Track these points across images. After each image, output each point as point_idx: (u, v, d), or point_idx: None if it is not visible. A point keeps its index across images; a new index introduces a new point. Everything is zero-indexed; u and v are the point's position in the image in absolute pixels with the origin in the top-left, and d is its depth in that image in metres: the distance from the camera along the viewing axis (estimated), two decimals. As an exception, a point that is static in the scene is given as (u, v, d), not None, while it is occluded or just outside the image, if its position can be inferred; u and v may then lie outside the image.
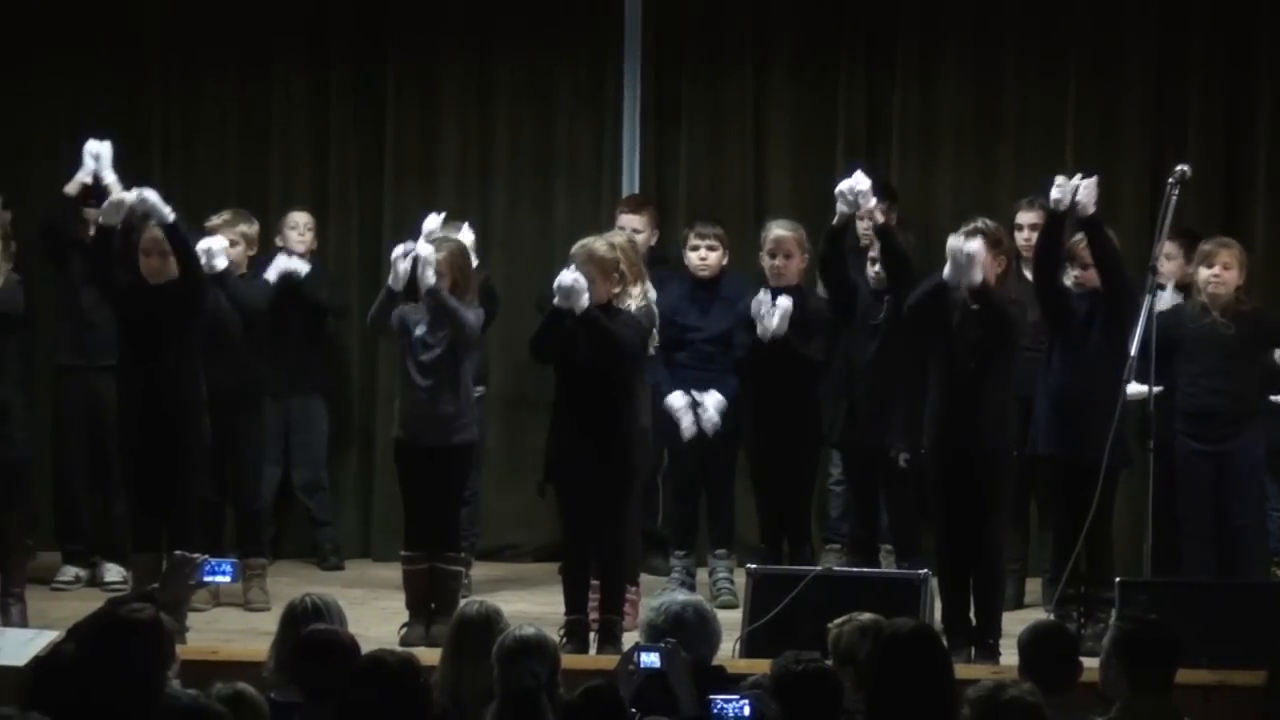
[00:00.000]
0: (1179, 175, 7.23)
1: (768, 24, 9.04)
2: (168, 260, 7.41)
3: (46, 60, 9.03)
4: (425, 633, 7.20)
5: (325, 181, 9.13)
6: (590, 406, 7.02)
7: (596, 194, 9.00)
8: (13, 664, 5.65)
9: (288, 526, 8.91)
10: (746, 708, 4.69)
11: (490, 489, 8.71)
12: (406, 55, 9.10)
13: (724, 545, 8.13)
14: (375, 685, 4.55)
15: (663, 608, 5.41)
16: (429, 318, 7.33)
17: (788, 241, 7.59)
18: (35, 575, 7.84)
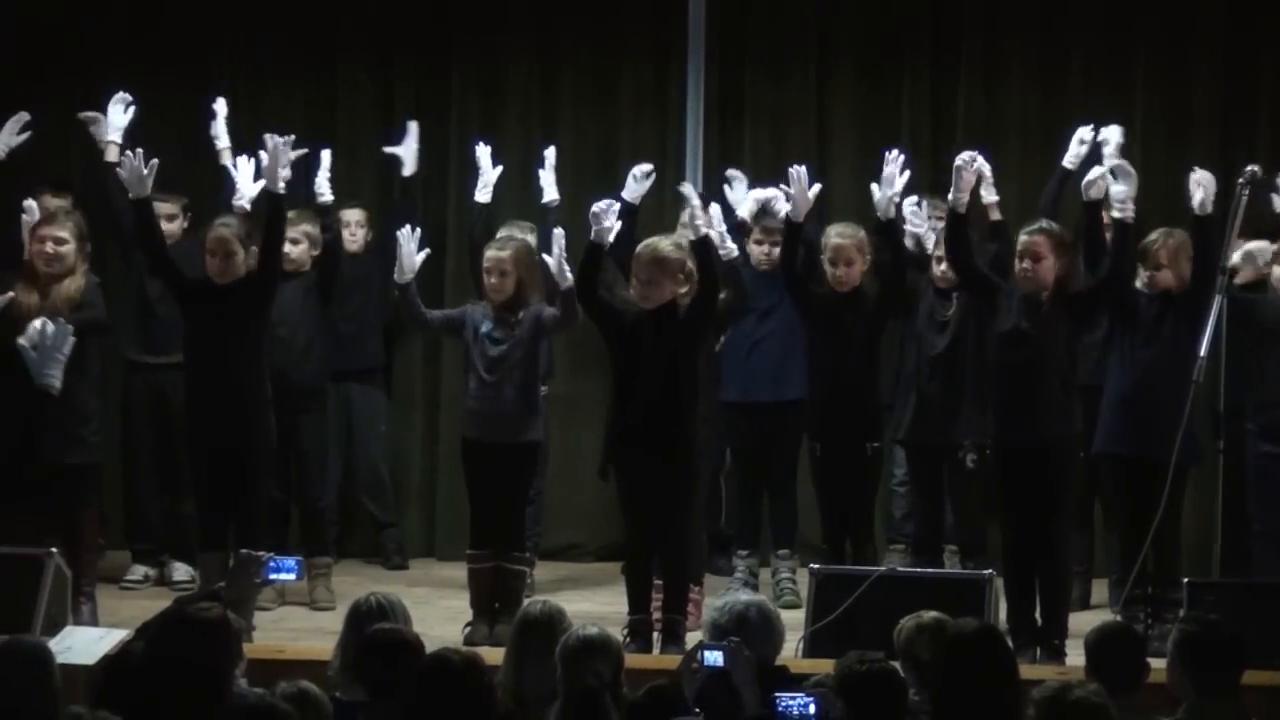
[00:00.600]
0: (1249, 175, 7.18)
1: (832, 23, 9.03)
2: (232, 260, 7.44)
3: (115, 60, 9.10)
4: (489, 632, 7.21)
5: (389, 182, 9.16)
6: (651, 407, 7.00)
7: (660, 193, 8.99)
8: (83, 662, 5.69)
9: (352, 526, 8.95)
10: (812, 706, 4.68)
11: (553, 488, 8.72)
12: (470, 54, 9.13)
13: (786, 545, 8.12)
14: (440, 685, 4.56)
15: (726, 607, 5.41)
16: (496, 316, 7.34)
17: (847, 249, 7.56)
18: (104, 574, 7.88)
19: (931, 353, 7.66)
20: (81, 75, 9.08)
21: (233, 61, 9.19)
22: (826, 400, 7.56)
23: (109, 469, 8.13)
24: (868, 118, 9.00)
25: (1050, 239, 7.01)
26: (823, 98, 9.02)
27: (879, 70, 8.99)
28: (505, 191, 9.05)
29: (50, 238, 7.46)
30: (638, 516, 7.15)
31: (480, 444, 7.38)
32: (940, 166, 8.88)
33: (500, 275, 7.35)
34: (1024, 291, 7.05)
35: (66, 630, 6.36)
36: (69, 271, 7.47)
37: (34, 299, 7.42)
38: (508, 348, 7.32)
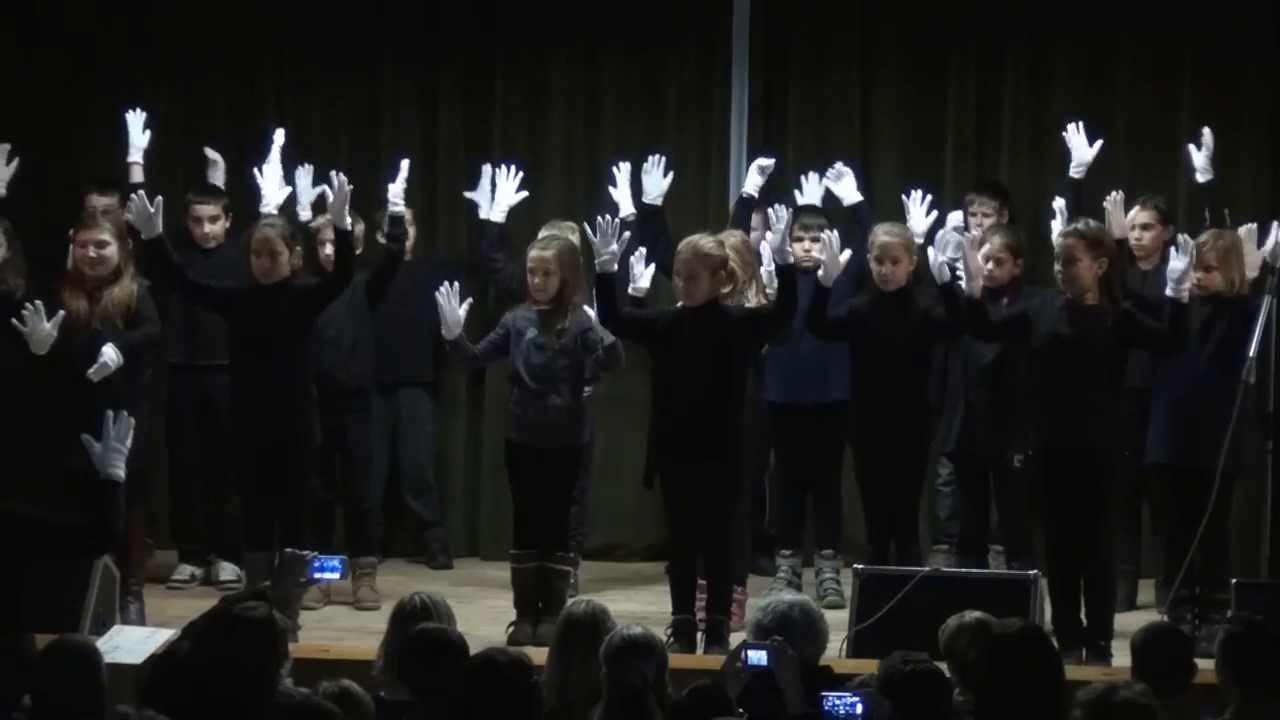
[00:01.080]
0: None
1: (876, 23, 9.01)
2: (278, 260, 7.45)
3: (161, 63, 9.15)
4: (533, 632, 7.22)
5: (434, 181, 9.19)
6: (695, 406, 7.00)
7: (704, 193, 9.00)
8: (130, 662, 5.72)
9: (397, 526, 8.97)
10: (859, 705, 4.66)
11: (598, 489, 8.72)
12: (515, 55, 9.14)
13: (830, 545, 8.11)
14: (487, 685, 4.57)
15: (770, 607, 5.40)
16: (540, 321, 7.35)
17: (895, 247, 7.54)
18: (152, 574, 7.90)
19: (980, 363, 7.62)
20: (128, 76, 9.14)
21: (279, 62, 9.22)
22: (871, 402, 7.54)
23: (156, 469, 8.16)
24: (912, 117, 8.98)
25: (1085, 240, 6.97)
26: (867, 97, 9.01)
27: (923, 70, 8.97)
28: (550, 192, 9.10)
29: (91, 242, 7.48)
30: (682, 516, 7.15)
31: (524, 447, 7.39)
32: (985, 167, 8.87)
33: (544, 275, 7.35)
34: (1067, 295, 7.01)
35: (114, 629, 6.39)
36: (114, 273, 7.49)
37: (83, 305, 7.45)
38: (551, 356, 7.32)
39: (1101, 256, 6.97)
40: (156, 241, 7.39)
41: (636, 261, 7.19)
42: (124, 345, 7.37)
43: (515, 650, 4.89)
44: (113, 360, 7.31)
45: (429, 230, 8.92)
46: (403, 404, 8.72)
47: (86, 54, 9.14)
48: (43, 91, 9.16)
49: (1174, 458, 7.26)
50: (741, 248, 7.54)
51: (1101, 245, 7.00)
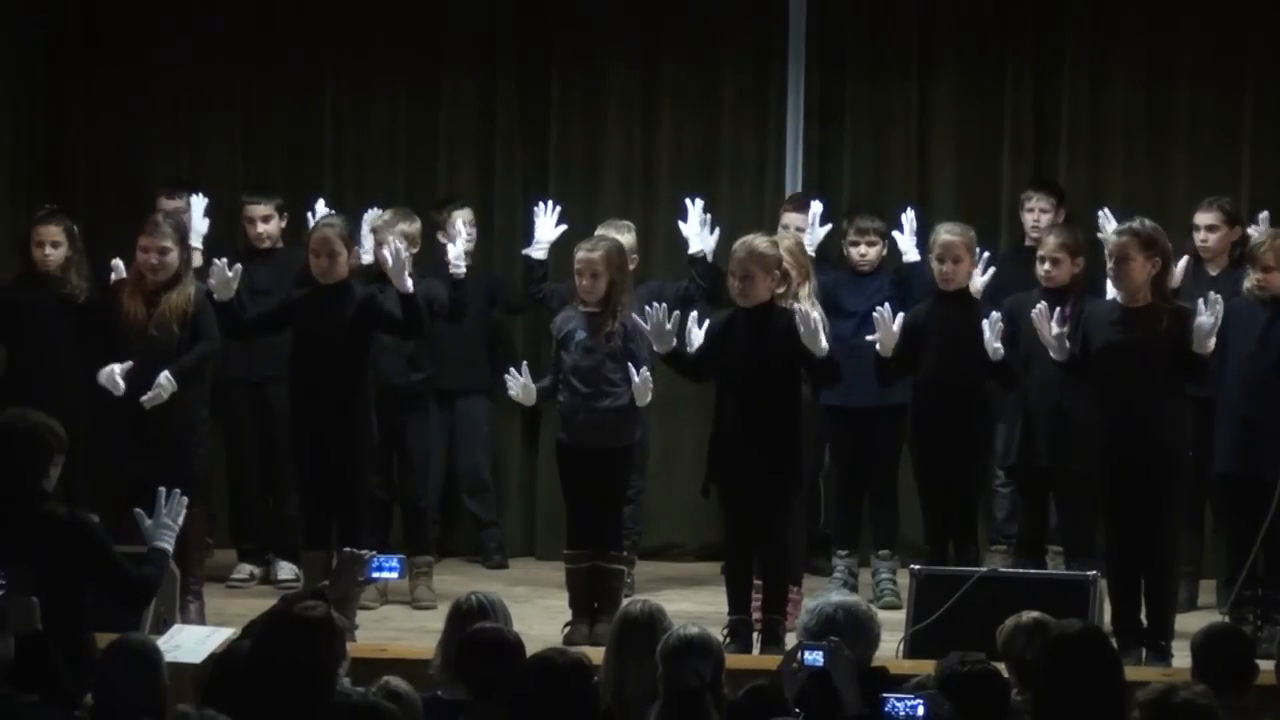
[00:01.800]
0: None
1: (933, 24, 8.99)
2: (336, 260, 7.47)
3: (220, 62, 9.20)
4: (588, 632, 7.22)
5: (491, 181, 9.22)
6: (752, 406, 7.01)
7: (759, 194, 9.00)
8: (190, 661, 5.75)
9: (453, 525, 9.00)
10: (921, 708, 4.63)
11: (653, 489, 8.73)
12: (572, 56, 9.15)
13: (887, 546, 8.09)
14: (546, 685, 4.58)
15: (815, 610, 5.37)
16: (588, 322, 7.35)
17: (956, 246, 7.50)
18: (211, 573, 7.93)
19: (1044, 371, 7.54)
20: (191, 77, 9.20)
21: (336, 61, 9.26)
22: (930, 403, 7.51)
23: (215, 468, 8.20)
24: (969, 118, 8.95)
25: (1139, 239, 6.92)
26: (923, 98, 8.98)
27: (980, 70, 8.94)
28: (606, 193, 9.10)
29: (153, 248, 7.49)
30: (738, 516, 7.15)
31: (574, 448, 7.39)
32: (1043, 168, 8.83)
33: (591, 277, 7.34)
34: (1119, 299, 6.96)
35: (174, 629, 6.41)
36: (174, 278, 7.52)
37: (141, 309, 7.48)
38: (600, 359, 7.32)
39: (1155, 257, 6.91)
40: (227, 304, 7.46)
41: (692, 326, 7.17)
42: (179, 371, 7.39)
43: (574, 650, 4.89)
44: (167, 389, 7.35)
45: (486, 230, 8.94)
46: (459, 403, 8.73)
47: (150, 57, 9.20)
48: (106, 94, 9.22)
49: (1239, 467, 7.20)
50: (795, 249, 7.53)
51: (1155, 245, 6.94)
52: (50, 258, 7.74)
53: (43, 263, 7.76)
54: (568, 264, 7.63)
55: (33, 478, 5.64)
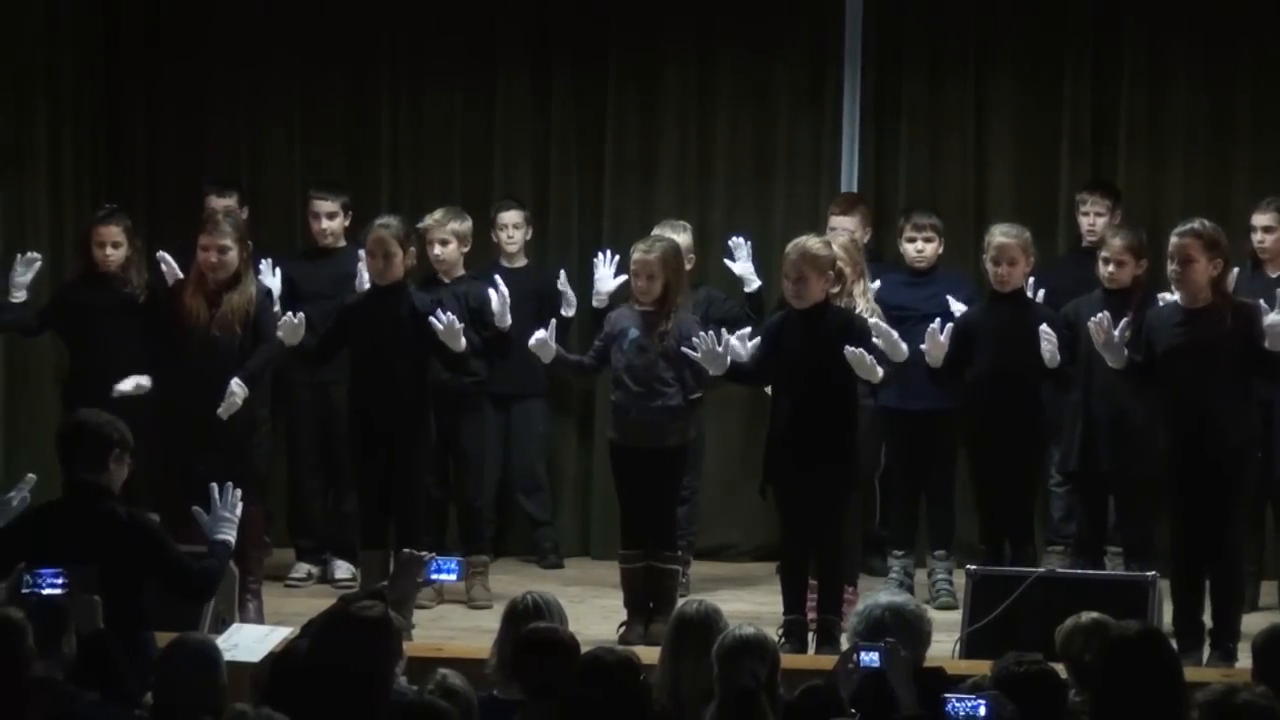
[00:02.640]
0: None
1: (990, 23, 8.95)
2: (392, 261, 7.50)
3: (278, 62, 9.24)
4: (644, 631, 7.23)
5: (546, 181, 9.23)
6: (807, 407, 7.00)
7: (815, 194, 8.98)
8: (248, 660, 5.78)
9: (509, 525, 9.01)
10: (982, 708, 4.61)
11: (708, 488, 8.73)
12: (627, 55, 9.15)
13: (943, 546, 8.07)
14: (596, 685, 4.59)
15: (864, 612, 5.35)
16: (643, 322, 7.36)
17: (1011, 248, 7.47)
18: (269, 572, 7.96)
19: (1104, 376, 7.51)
20: (247, 74, 9.24)
21: (393, 60, 9.28)
22: (987, 404, 7.48)
23: (274, 467, 8.24)
24: (1027, 119, 8.91)
25: (1201, 240, 6.87)
26: (981, 97, 8.95)
27: (1039, 70, 8.90)
28: (661, 192, 9.11)
29: (214, 246, 7.53)
30: (794, 517, 7.14)
31: (627, 448, 7.39)
32: (1101, 169, 8.78)
33: (647, 278, 7.33)
34: (1181, 301, 6.92)
35: (233, 628, 6.45)
36: (235, 277, 7.56)
37: (202, 308, 7.52)
38: (654, 358, 7.32)
39: (1217, 258, 6.87)
40: (299, 347, 7.55)
41: (740, 341, 7.18)
42: (248, 376, 7.43)
43: (624, 649, 4.90)
44: (240, 397, 7.39)
45: (541, 229, 8.96)
46: (516, 405, 8.75)
47: (208, 57, 9.24)
48: (165, 94, 9.28)
49: None
50: (849, 247, 7.52)
51: (1218, 246, 6.89)
52: (110, 258, 7.81)
53: (103, 263, 7.82)
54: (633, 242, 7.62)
55: (96, 477, 5.68)
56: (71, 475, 5.72)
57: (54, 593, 5.14)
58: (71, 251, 8.62)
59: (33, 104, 8.77)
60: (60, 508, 5.73)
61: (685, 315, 7.39)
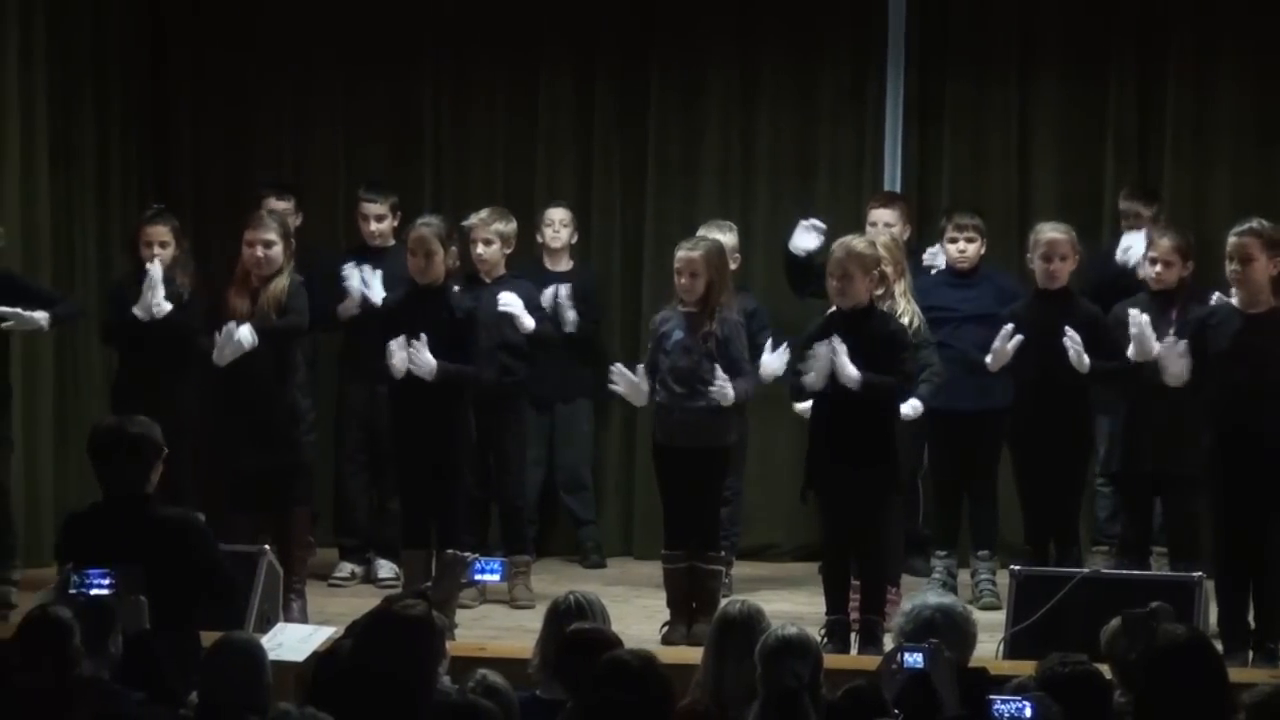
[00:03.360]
0: None
1: (1035, 23, 8.93)
2: (433, 260, 7.50)
3: (322, 62, 9.27)
4: (686, 631, 7.22)
5: (589, 181, 9.24)
6: (849, 409, 6.98)
7: (858, 194, 8.96)
8: (292, 659, 5.81)
9: (551, 524, 9.02)
10: (1028, 709, 4.59)
11: (751, 489, 8.72)
12: (670, 55, 9.16)
13: (986, 546, 8.04)
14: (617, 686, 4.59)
15: (913, 612, 5.34)
16: (687, 322, 7.35)
17: (1061, 244, 7.45)
18: (313, 571, 7.98)
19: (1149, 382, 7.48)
20: (292, 74, 9.28)
21: (437, 61, 9.31)
22: (1032, 403, 7.46)
23: (319, 466, 8.26)
24: (1071, 119, 8.88)
25: (1261, 239, 6.83)
26: (1025, 97, 8.92)
27: (1083, 70, 8.87)
28: (704, 193, 9.11)
29: (259, 242, 7.58)
30: (836, 518, 7.13)
31: (670, 448, 7.39)
32: (1148, 168, 8.75)
33: (690, 276, 7.33)
34: (1238, 303, 6.88)
35: (278, 627, 6.48)
36: (277, 272, 7.62)
37: (245, 305, 7.56)
38: (698, 359, 7.31)
39: (1277, 256, 6.82)
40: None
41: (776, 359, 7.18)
42: (260, 329, 7.45)
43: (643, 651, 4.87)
44: (246, 339, 7.41)
45: (585, 230, 8.96)
46: (559, 406, 8.76)
47: (253, 59, 9.28)
48: (210, 93, 9.32)
49: None
50: (890, 245, 7.51)
51: (1278, 245, 6.84)
52: (158, 257, 7.85)
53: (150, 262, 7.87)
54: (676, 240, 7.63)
55: (136, 481, 5.72)
56: (111, 480, 5.76)
57: (101, 593, 5.18)
58: (118, 250, 8.69)
59: (81, 104, 8.82)
60: (103, 511, 5.76)
61: (730, 315, 7.39)
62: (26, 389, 8.15)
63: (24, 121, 8.36)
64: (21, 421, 7.95)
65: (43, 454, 8.50)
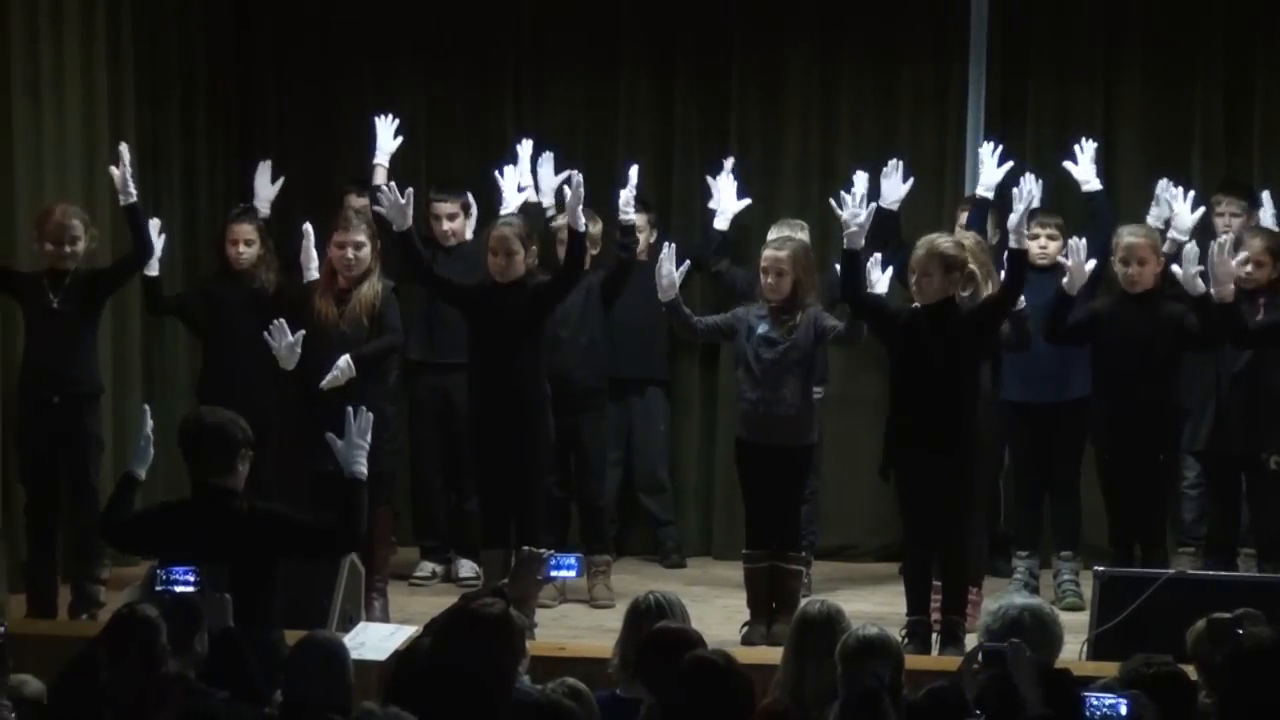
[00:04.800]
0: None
1: (1119, 23, 8.86)
2: (514, 259, 7.52)
3: (403, 60, 9.31)
4: (766, 631, 7.23)
5: (669, 181, 9.24)
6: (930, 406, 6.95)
7: (939, 195, 8.93)
8: (375, 659, 5.84)
9: (631, 524, 9.04)
10: (1123, 707, 4.56)
11: (830, 489, 8.71)
12: (751, 54, 9.15)
13: (1069, 547, 7.99)
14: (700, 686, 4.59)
15: (999, 612, 5.33)
16: (772, 319, 7.35)
17: (1140, 248, 7.42)
18: (394, 570, 8.02)
19: (1235, 365, 7.43)
20: (373, 73, 9.33)
21: (516, 60, 9.34)
22: (1117, 404, 7.41)
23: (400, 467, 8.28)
24: (1156, 120, 8.82)
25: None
26: (1109, 96, 8.86)
27: (1169, 71, 8.80)
28: (784, 192, 9.09)
29: (349, 244, 7.63)
30: (917, 517, 7.11)
31: (753, 445, 7.39)
32: (1235, 170, 8.66)
33: (777, 275, 7.34)
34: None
35: (360, 626, 6.52)
36: (366, 274, 7.66)
37: (332, 307, 7.60)
38: (783, 351, 7.31)
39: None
40: (406, 234, 7.52)
41: (873, 266, 7.16)
42: (360, 357, 7.50)
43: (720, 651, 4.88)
44: (345, 374, 7.46)
45: (665, 229, 8.97)
46: (636, 401, 8.78)
47: (335, 57, 9.34)
48: (295, 93, 9.39)
49: None
50: (976, 248, 7.48)
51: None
52: (243, 255, 7.92)
53: (236, 260, 7.94)
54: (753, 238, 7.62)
55: (222, 475, 5.76)
56: (199, 476, 5.80)
57: (186, 590, 5.21)
58: (204, 247, 8.77)
59: (168, 103, 8.89)
60: (190, 507, 5.80)
61: (816, 310, 7.38)
62: (116, 389, 8.23)
63: (113, 121, 8.44)
64: (110, 421, 8.02)
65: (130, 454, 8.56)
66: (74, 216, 7.47)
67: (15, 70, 7.90)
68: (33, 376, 7.46)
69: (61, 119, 8.16)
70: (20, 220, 7.79)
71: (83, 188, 8.20)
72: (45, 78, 8.05)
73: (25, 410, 7.51)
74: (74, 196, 7.94)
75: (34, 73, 8.01)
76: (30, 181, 7.98)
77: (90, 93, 8.31)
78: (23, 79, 7.94)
